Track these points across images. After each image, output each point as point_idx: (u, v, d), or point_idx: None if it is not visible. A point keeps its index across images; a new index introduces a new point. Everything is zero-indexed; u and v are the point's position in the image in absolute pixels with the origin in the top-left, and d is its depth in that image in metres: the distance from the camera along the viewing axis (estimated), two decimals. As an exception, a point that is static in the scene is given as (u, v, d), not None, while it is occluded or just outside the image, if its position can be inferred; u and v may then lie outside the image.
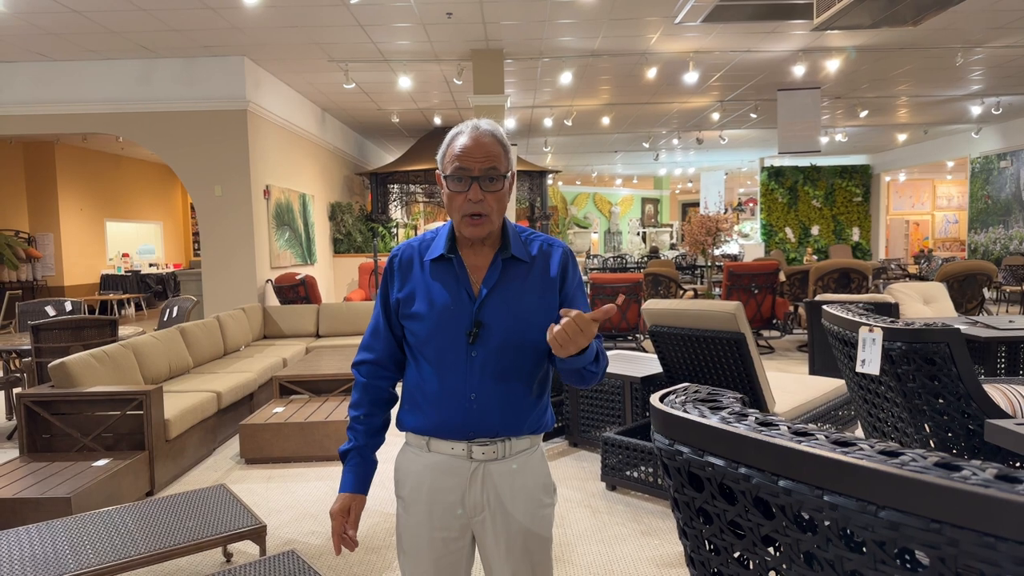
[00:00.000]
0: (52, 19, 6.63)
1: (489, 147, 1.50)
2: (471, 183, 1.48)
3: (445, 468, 1.55)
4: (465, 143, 1.50)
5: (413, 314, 1.56)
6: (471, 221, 1.50)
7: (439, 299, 1.54)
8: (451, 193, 1.51)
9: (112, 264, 14.47)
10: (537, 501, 1.59)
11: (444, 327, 1.53)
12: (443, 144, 1.56)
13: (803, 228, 17.70)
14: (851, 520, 0.70)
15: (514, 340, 1.52)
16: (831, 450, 0.73)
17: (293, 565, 2.39)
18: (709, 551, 0.94)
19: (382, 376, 1.65)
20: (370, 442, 1.64)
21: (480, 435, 1.53)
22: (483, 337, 1.51)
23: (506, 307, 1.53)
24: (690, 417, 0.87)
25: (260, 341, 7.35)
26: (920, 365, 1.85)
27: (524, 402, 1.55)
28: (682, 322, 3.82)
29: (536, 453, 1.61)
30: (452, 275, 1.55)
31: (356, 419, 1.64)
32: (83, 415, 4.02)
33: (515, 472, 1.56)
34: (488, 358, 1.52)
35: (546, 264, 1.59)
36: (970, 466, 0.67)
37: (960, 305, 7.38)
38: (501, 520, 1.55)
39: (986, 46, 8.16)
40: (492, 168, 1.50)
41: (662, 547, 3.25)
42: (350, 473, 1.61)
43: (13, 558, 2.40)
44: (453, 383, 1.52)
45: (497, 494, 1.55)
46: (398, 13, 6.69)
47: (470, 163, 1.48)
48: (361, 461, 1.62)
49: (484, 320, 1.51)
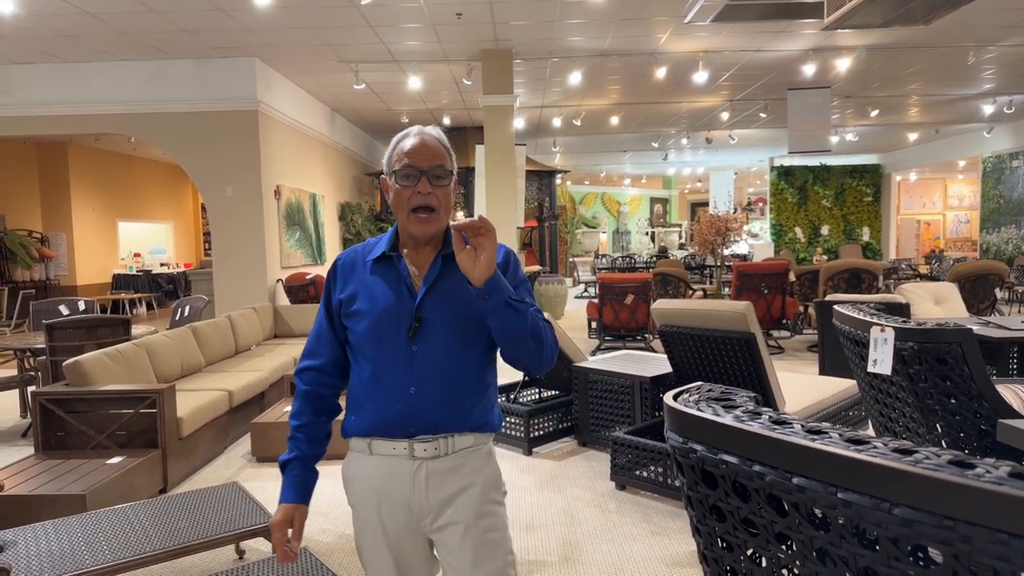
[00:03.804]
0: (65, 21, 6.69)
1: (435, 147, 1.56)
2: (420, 176, 1.53)
3: (388, 470, 1.54)
4: (414, 143, 1.55)
5: (354, 312, 1.58)
6: (419, 218, 1.53)
7: (380, 296, 1.56)
8: (400, 188, 1.54)
9: (124, 264, 14.58)
10: (484, 496, 1.56)
11: (384, 323, 1.54)
12: (389, 148, 1.60)
13: (813, 228, 17.62)
14: (865, 517, 0.71)
15: (455, 335, 1.53)
16: (845, 448, 0.74)
17: (306, 562, 2.41)
18: (722, 548, 0.94)
19: (324, 384, 1.65)
20: (312, 452, 1.63)
21: (421, 431, 1.52)
22: (424, 332, 1.53)
23: (446, 303, 1.54)
24: (704, 415, 0.88)
25: (271, 340, 7.39)
26: (932, 365, 1.85)
27: (466, 398, 1.55)
28: (692, 322, 3.82)
29: (482, 452, 1.59)
30: (394, 273, 1.58)
31: (297, 428, 1.62)
32: (97, 413, 4.06)
33: (458, 470, 1.54)
34: (429, 353, 1.53)
35: None
36: (984, 464, 0.68)
37: (972, 306, 7.33)
38: (448, 522, 1.54)
39: (998, 44, 8.11)
40: (439, 166, 1.54)
41: (672, 546, 3.25)
42: (290, 484, 1.60)
43: (31, 554, 2.44)
44: (394, 378, 1.53)
45: (440, 495, 1.53)
46: (408, 14, 6.71)
47: (419, 160, 1.53)
48: (303, 471, 1.61)
49: (425, 315, 1.53)
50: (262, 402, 5.59)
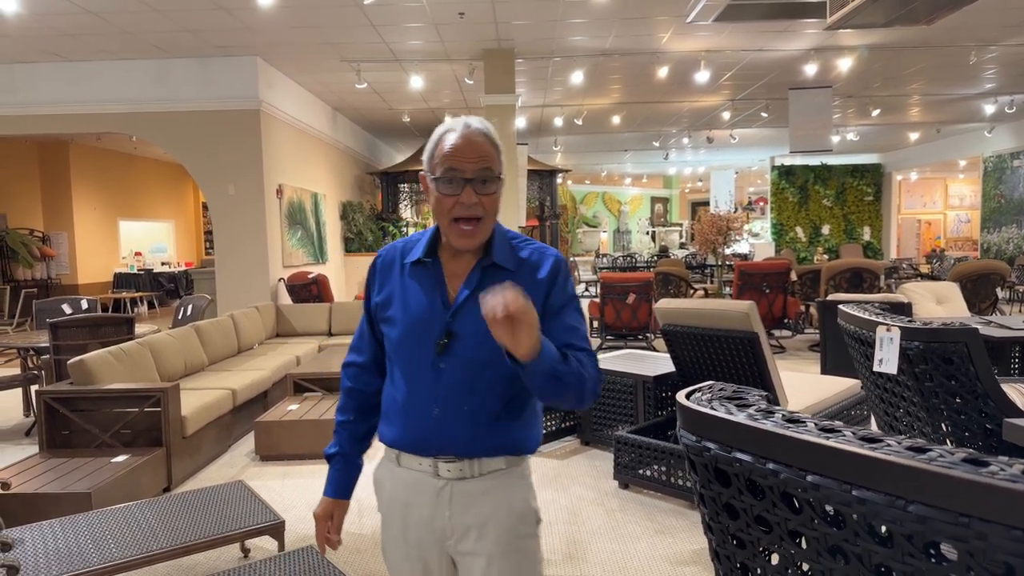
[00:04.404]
0: (67, 20, 6.70)
1: (482, 147, 1.38)
2: (464, 185, 1.36)
3: (414, 485, 1.45)
4: (456, 142, 1.37)
5: (388, 318, 1.48)
6: (463, 230, 1.39)
7: (413, 304, 1.44)
8: (440, 196, 1.38)
9: (125, 263, 14.59)
10: (512, 530, 1.43)
11: (415, 334, 1.43)
12: (430, 143, 1.42)
13: (814, 227, 17.63)
14: (879, 514, 0.72)
15: (486, 354, 1.36)
16: (860, 446, 0.75)
17: (312, 560, 2.42)
18: (734, 545, 0.95)
19: (367, 381, 1.58)
20: (355, 448, 1.58)
21: (443, 452, 1.42)
22: (453, 348, 1.40)
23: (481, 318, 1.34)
24: (718, 414, 0.89)
25: (273, 339, 7.40)
26: (938, 365, 1.86)
27: (495, 422, 1.41)
28: (695, 321, 3.83)
29: (513, 475, 1.46)
30: (429, 280, 1.45)
31: (341, 424, 1.58)
32: (102, 412, 4.07)
33: (486, 494, 1.42)
34: (457, 371, 1.40)
35: (532, 273, 1.44)
36: (998, 462, 0.69)
37: (973, 305, 7.34)
38: (471, 551, 1.42)
39: (1000, 44, 8.12)
40: (486, 169, 1.37)
41: (676, 545, 3.27)
42: (333, 478, 1.56)
43: (38, 552, 2.45)
44: (418, 395, 1.42)
45: (465, 519, 1.42)
46: (410, 13, 6.72)
47: (462, 164, 1.36)
48: (345, 466, 1.57)
49: (456, 330, 1.40)
50: (265, 401, 5.60)
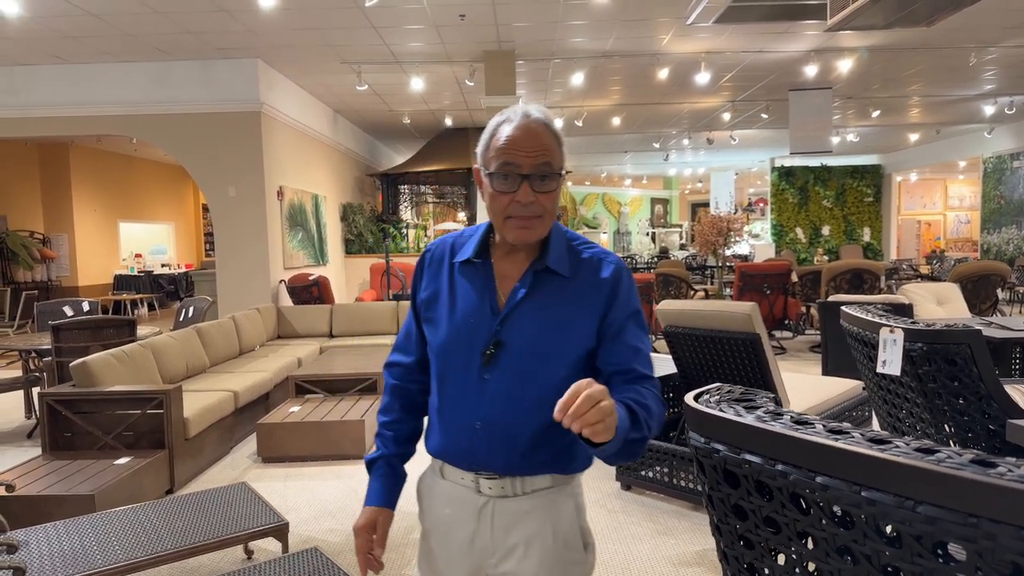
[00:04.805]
0: (69, 22, 6.71)
1: (541, 138, 1.25)
2: (521, 182, 1.24)
3: (457, 499, 1.36)
4: (512, 134, 1.24)
5: (431, 319, 1.38)
6: (519, 223, 1.27)
7: (460, 308, 1.34)
8: (494, 193, 1.27)
9: (125, 264, 14.60)
10: (557, 555, 1.31)
11: (459, 341, 1.32)
12: (484, 133, 1.30)
13: (814, 228, 17.65)
14: (888, 515, 0.73)
15: (534, 367, 1.28)
16: (869, 447, 0.75)
17: (317, 562, 2.43)
18: (743, 546, 0.96)
19: (414, 380, 1.47)
20: (399, 451, 1.46)
21: (486, 468, 1.32)
22: (500, 359, 1.29)
23: (533, 328, 1.29)
24: (727, 416, 0.90)
25: (274, 341, 7.40)
26: (941, 366, 1.87)
27: (541, 439, 1.29)
28: (697, 323, 3.84)
29: (561, 494, 1.34)
30: (478, 283, 1.34)
31: (384, 425, 1.46)
32: (104, 414, 4.08)
33: (530, 514, 1.31)
34: (503, 384, 1.29)
35: (590, 281, 1.33)
36: (1005, 463, 0.70)
37: (974, 306, 7.35)
38: (514, 571, 1.31)
39: (1000, 45, 8.13)
40: (545, 164, 1.25)
41: (678, 546, 3.27)
42: (376, 486, 1.43)
43: (43, 553, 2.45)
44: (461, 406, 1.33)
45: (507, 540, 1.31)
46: (411, 15, 6.73)
47: (519, 158, 1.24)
48: (389, 472, 1.44)
49: (504, 339, 1.29)
50: (267, 403, 5.61)
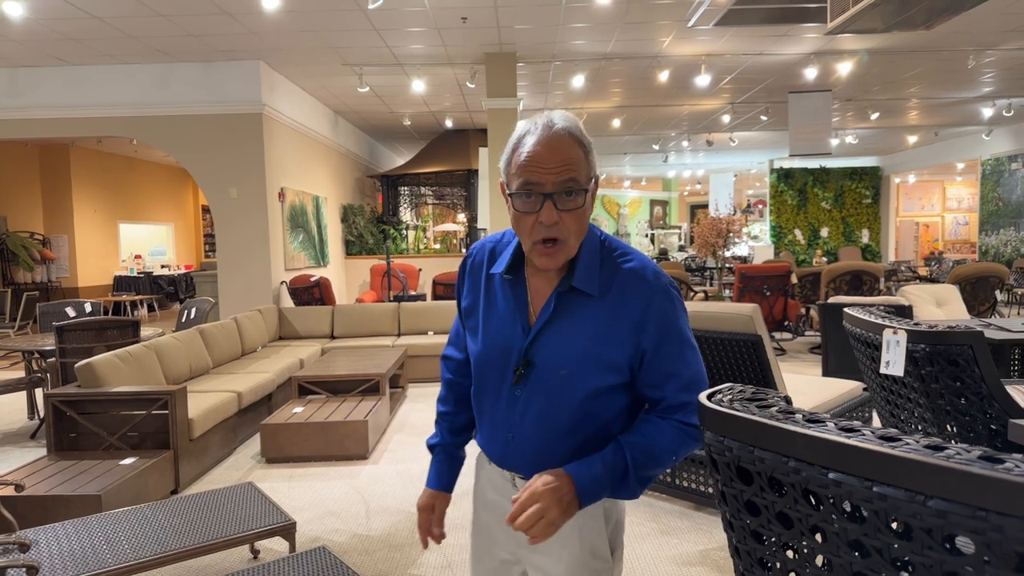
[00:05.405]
0: (71, 25, 6.73)
1: (566, 151, 1.18)
2: (543, 201, 1.18)
3: (499, 486, 1.42)
4: (534, 149, 1.18)
5: (471, 328, 1.41)
6: (543, 249, 1.22)
7: (494, 324, 1.34)
8: (518, 214, 1.22)
9: (125, 265, 14.61)
10: (583, 563, 1.33)
11: (493, 356, 1.34)
12: (507, 147, 1.25)
13: (812, 230, 17.70)
14: (900, 509, 0.75)
15: (562, 390, 1.28)
16: (880, 444, 0.78)
17: (324, 561, 2.45)
18: (754, 541, 0.99)
19: (466, 374, 1.51)
20: (455, 440, 1.53)
21: (519, 472, 1.37)
22: (530, 378, 1.29)
23: (556, 351, 1.27)
24: (741, 414, 0.93)
25: (276, 342, 7.42)
26: (944, 367, 1.90)
27: (570, 457, 1.29)
28: (699, 324, 3.86)
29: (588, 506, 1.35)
30: (512, 298, 1.33)
31: (442, 415, 1.54)
32: (109, 414, 4.10)
33: None
34: (533, 402, 1.30)
35: (623, 302, 1.26)
36: (1012, 459, 0.72)
37: (972, 307, 7.39)
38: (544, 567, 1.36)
39: (998, 48, 8.18)
40: (570, 180, 1.18)
41: (681, 546, 3.30)
42: (435, 470, 1.52)
43: (53, 552, 2.47)
44: (495, 416, 1.36)
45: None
46: (413, 18, 6.76)
47: (542, 176, 1.17)
48: (446, 458, 1.52)
49: (533, 360, 1.28)
50: (270, 403, 5.63)
